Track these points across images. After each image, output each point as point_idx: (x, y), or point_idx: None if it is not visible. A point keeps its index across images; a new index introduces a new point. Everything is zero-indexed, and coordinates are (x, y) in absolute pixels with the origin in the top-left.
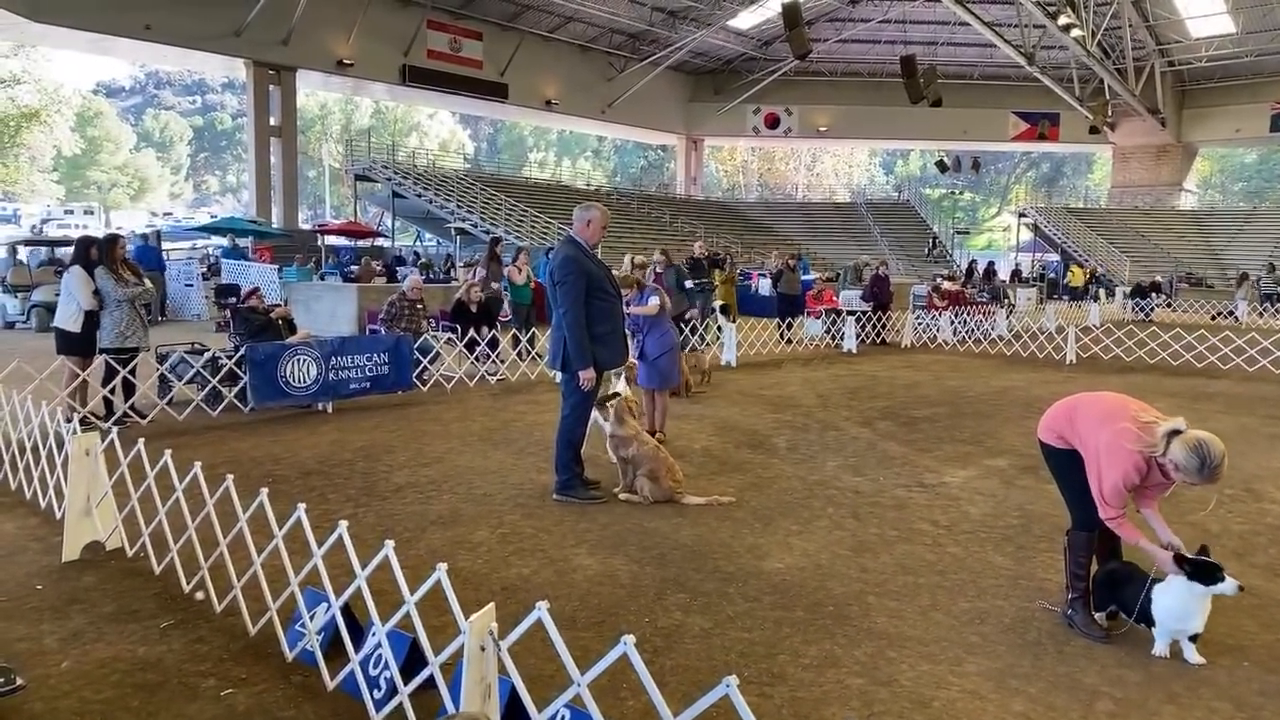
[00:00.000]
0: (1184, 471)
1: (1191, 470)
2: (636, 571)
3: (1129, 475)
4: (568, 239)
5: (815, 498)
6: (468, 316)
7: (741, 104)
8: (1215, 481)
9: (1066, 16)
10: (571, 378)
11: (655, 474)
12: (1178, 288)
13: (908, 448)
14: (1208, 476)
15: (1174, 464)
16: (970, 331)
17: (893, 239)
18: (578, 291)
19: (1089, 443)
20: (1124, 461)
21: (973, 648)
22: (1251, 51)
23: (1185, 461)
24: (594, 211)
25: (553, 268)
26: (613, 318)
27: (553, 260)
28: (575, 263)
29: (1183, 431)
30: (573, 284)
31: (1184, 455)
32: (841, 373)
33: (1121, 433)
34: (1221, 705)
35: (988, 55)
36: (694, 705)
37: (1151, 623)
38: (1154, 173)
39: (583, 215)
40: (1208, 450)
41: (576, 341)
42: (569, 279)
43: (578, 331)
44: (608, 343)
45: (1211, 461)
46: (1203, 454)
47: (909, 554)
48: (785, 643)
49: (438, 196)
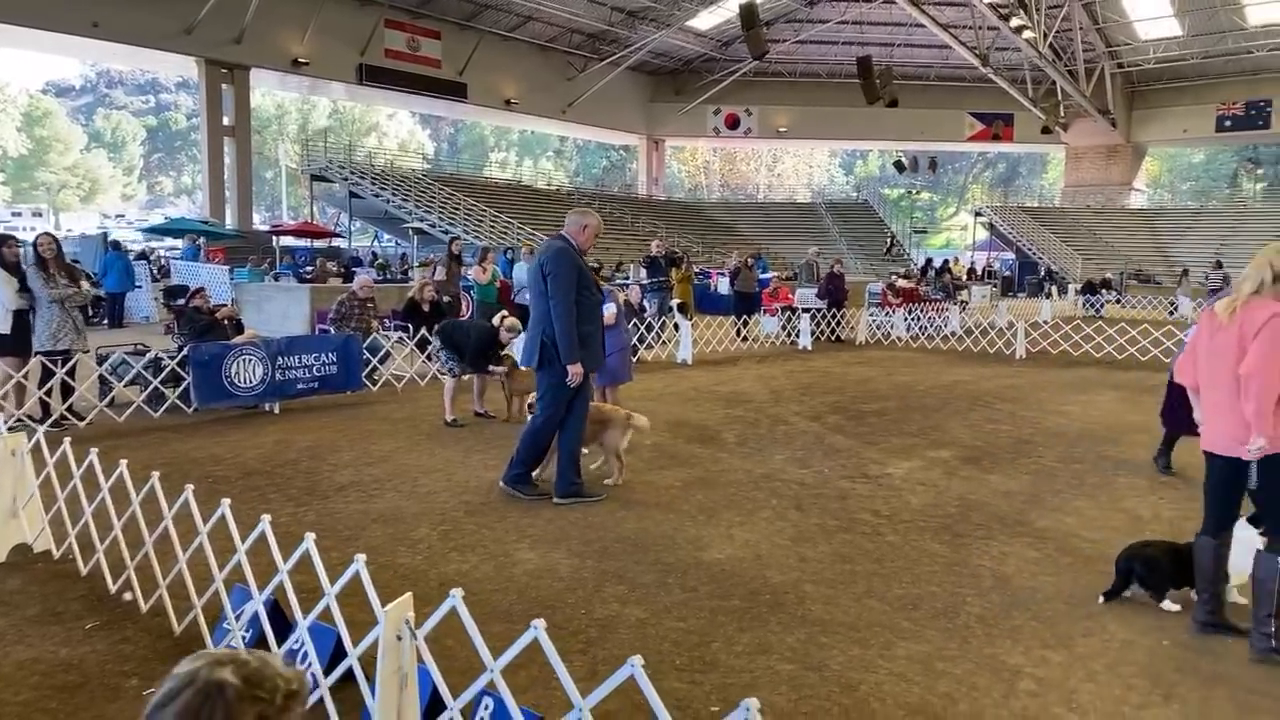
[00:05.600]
0: None
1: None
2: (577, 565)
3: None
4: (562, 239)
5: (760, 490)
6: (420, 316)
7: (702, 104)
8: None
9: (1019, 18)
10: (549, 374)
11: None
12: (1127, 284)
13: (855, 441)
14: None
15: None
16: (923, 328)
17: (852, 238)
18: (570, 283)
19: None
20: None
21: (904, 632)
22: (1198, 54)
23: None
24: (591, 218)
25: (543, 260)
26: (596, 320)
27: (543, 254)
28: (568, 256)
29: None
30: (565, 275)
31: None
32: (795, 369)
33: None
34: (1138, 682)
35: (943, 56)
36: (601, 685)
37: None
38: (1105, 172)
39: (579, 220)
40: None
41: (566, 333)
42: (562, 270)
43: (568, 323)
44: (589, 344)
45: None
46: None
47: (848, 543)
48: (719, 631)
49: (395, 196)
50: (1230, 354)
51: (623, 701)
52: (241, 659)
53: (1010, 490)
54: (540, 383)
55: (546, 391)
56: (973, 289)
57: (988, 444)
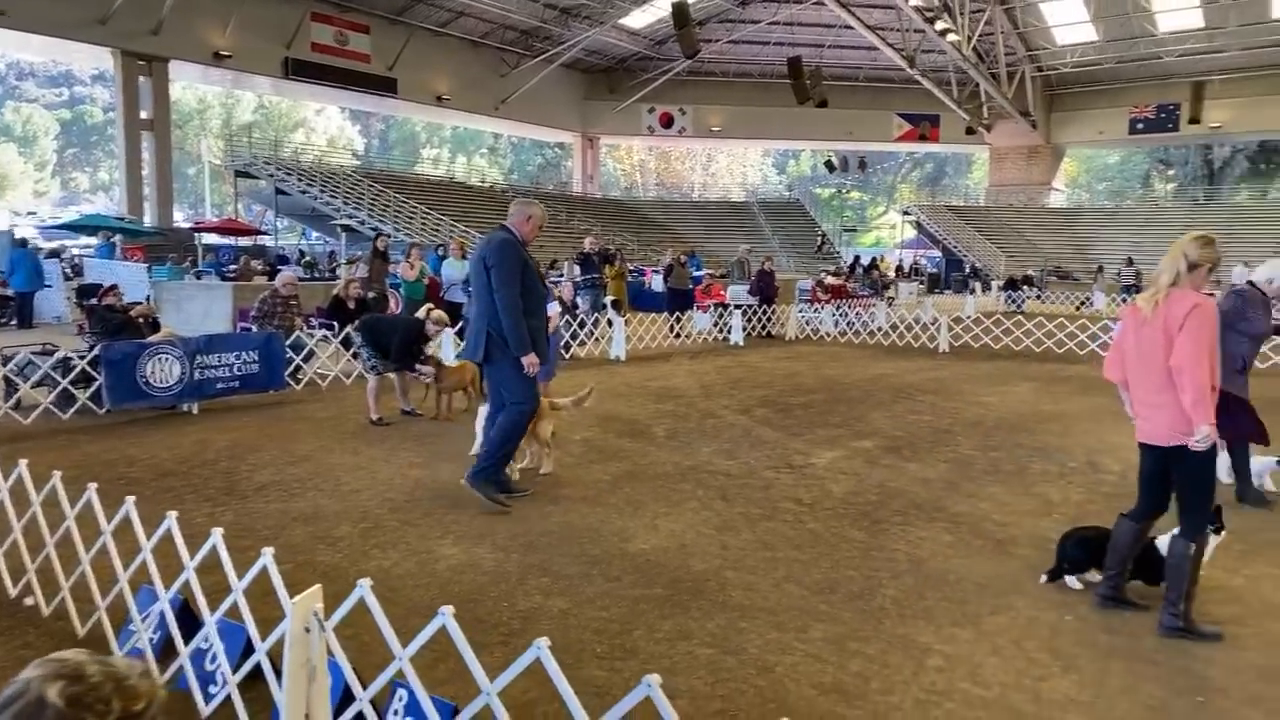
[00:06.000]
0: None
1: None
2: (501, 559)
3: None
4: (505, 230)
5: (687, 481)
6: (345, 313)
7: (636, 103)
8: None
9: (944, 22)
10: (502, 367)
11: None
12: (1047, 280)
13: (781, 432)
14: None
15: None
16: (850, 324)
17: (784, 236)
18: (514, 274)
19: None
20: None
21: (820, 615)
22: (1112, 59)
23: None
24: (535, 209)
25: (485, 252)
26: (541, 314)
27: (485, 246)
28: (511, 247)
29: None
30: (509, 266)
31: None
32: (727, 364)
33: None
34: (1040, 655)
35: (872, 58)
36: (507, 670)
37: (1159, 577)
38: (1026, 172)
39: (523, 210)
40: None
41: (515, 325)
42: (506, 262)
43: (516, 314)
44: (535, 338)
45: None
46: None
47: (770, 531)
48: (641, 619)
49: (323, 193)
50: (1158, 347)
51: (544, 690)
52: (78, 674)
53: (928, 478)
54: (493, 379)
55: (509, 384)
56: (900, 286)
57: (909, 434)
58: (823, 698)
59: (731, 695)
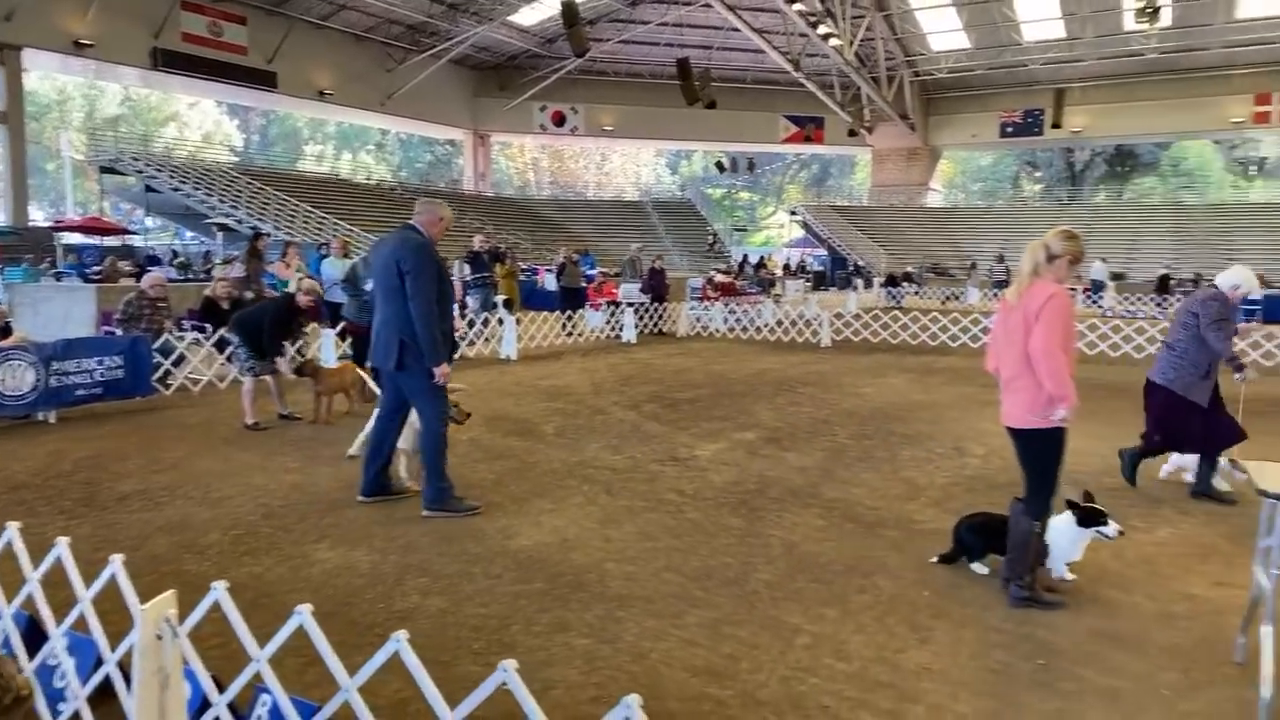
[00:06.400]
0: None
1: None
2: (378, 561)
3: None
4: (411, 229)
5: (573, 477)
6: (218, 315)
7: (528, 100)
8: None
9: (827, 26)
10: (416, 375)
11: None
12: (925, 277)
13: (669, 427)
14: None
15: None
16: (739, 320)
17: (676, 236)
18: (433, 281)
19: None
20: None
21: (696, 601)
22: (983, 65)
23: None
24: (445, 210)
25: (400, 256)
26: (450, 318)
27: (399, 248)
28: (429, 252)
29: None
30: (428, 273)
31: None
32: (618, 361)
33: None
34: (900, 629)
35: (759, 61)
36: (367, 664)
37: (1040, 560)
38: (906, 173)
39: (434, 211)
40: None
41: (432, 336)
42: (426, 269)
43: (433, 325)
44: (446, 342)
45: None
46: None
47: (652, 522)
48: (520, 614)
49: (198, 190)
50: (1019, 334)
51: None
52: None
53: (805, 466)
54: (404, 387)
55: (422, 396)
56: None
57: (789, 425)
58: (694, 679)
59: (605, 683)
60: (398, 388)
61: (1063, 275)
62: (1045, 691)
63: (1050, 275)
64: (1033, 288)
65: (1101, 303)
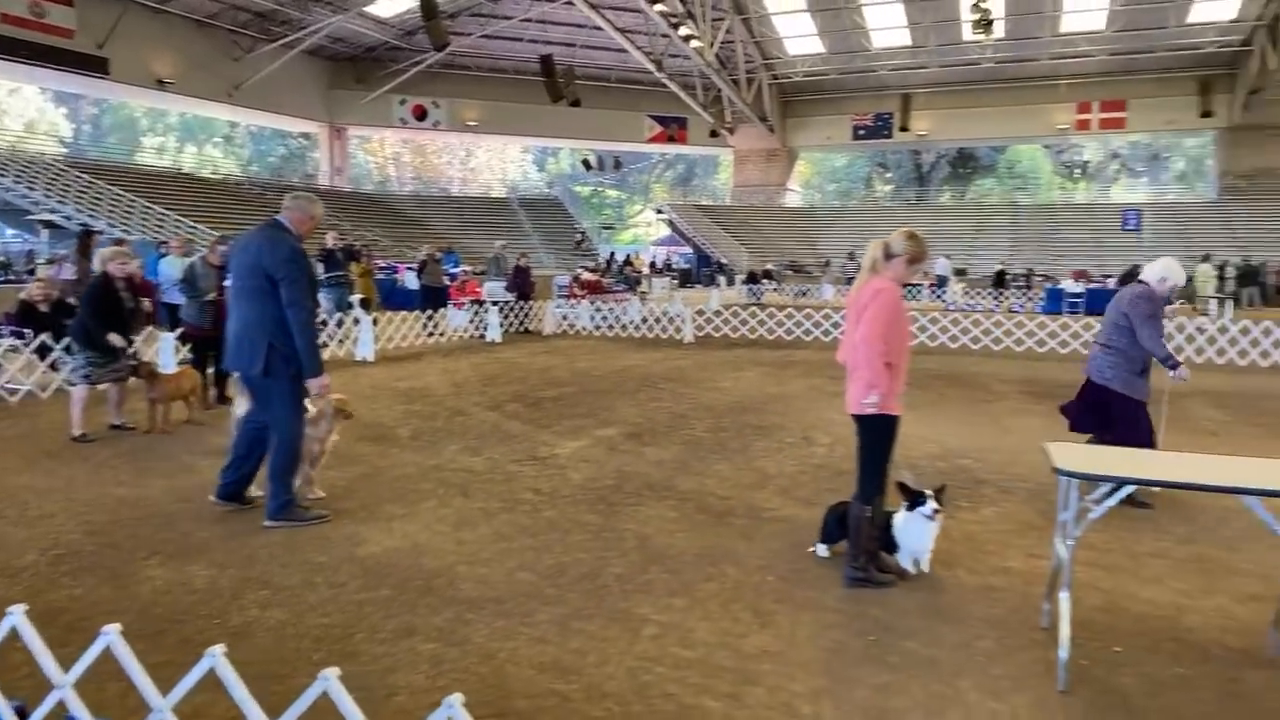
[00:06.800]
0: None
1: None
2: (215, 575)
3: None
4: (279, 227)
5: (428, 480)
6: (38, 319)
7: (387, 94)
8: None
9: (688, 28)
10: (279, 383)
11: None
12: (784, 274)
13: (530, 426)
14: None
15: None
16: (605, 318)
17: (544, 233)
18: (308, 288)
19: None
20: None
21: (548, 599)
22: (836, 70)
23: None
24: (317, 208)
25: (271, 260)
26: (315, 317)
27: (270, 250)
28: (302, 255)
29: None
30: (303, 279)
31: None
32: (481, 361)
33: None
34: (744, 615)
35: (623, 60)
36: (180, 682)
37: (895, 548)
38: (766, 174)
39: (306, 207)
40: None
41: (310, 345)
42: (302, 275)
43: (312, 333)
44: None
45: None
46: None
47: (508, 522)
48: (365, 622)
49: (19, 184)
50: (853, 326)
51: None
52: None
53: (663, 460)
54: (263, 392)
55: (281, 404)
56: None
57: (649, 420)
58: (541, 676)
59: (451, 686)
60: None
61: (900, 273)
62: (875, 666)
63: (888, 273)
64: (869, 283)
65: (945, 297)
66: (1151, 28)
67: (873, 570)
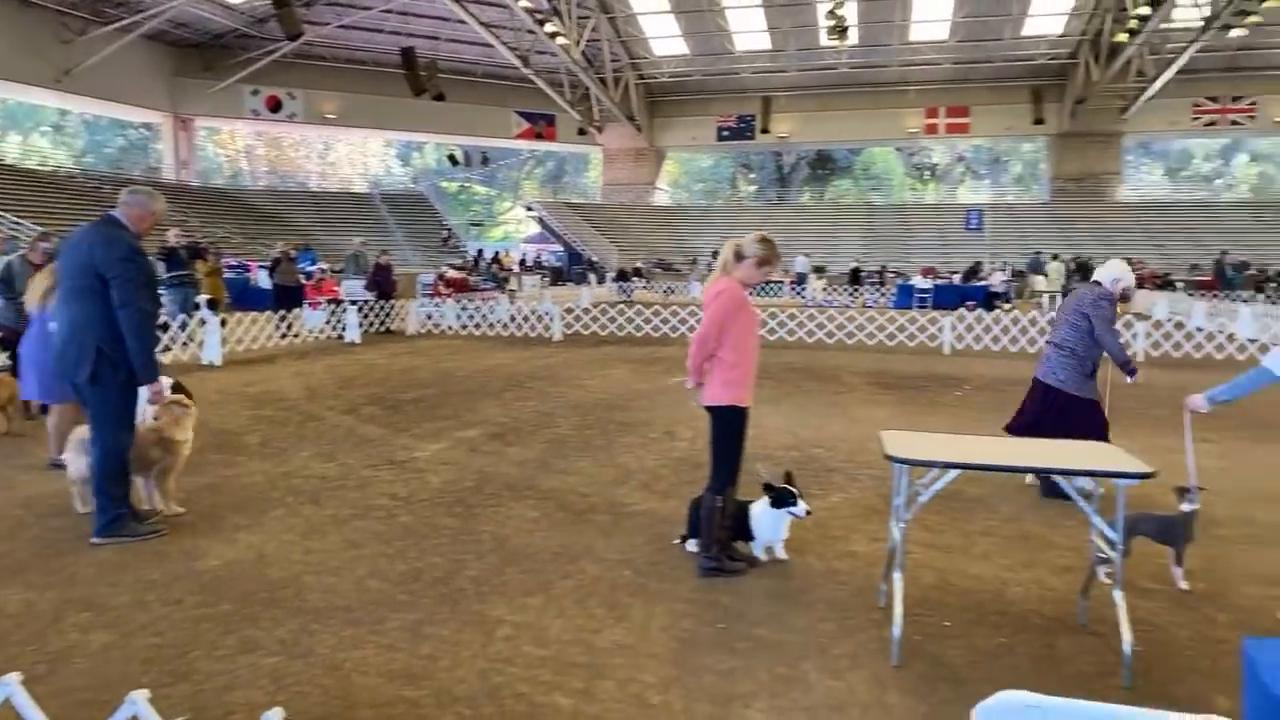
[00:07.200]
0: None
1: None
2: (33, 598)
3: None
4: (114, 223)
5: (276, 489)
6: None
7: (238, 83)
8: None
9: (554, 25)
10: (106, 390)
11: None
12: (653, 272)
13: (388, 429)
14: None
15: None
16: (471, 316)
17: (409, 230)
18: (145, 286)
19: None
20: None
21: (399, 605)
22: (701, 72)
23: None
24: (158, 204)
25: (103, 258)
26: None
27: (104, 248)
28: (140, 252)
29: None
30: (141, 279)
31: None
32: (339, 363)
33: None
34: (599, 610)
35: (488, 55)
36: None
37: (751, 536)
38: (634, 173)
39: (145, 204)
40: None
41: (146, 350)
42: (139, 274)
43: (148, 338)
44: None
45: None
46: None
47: (360, 529)
48: (202, 639)
49: None
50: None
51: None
52: None
53: (526, 459)
54: (94, 401)
55: (111, 413)
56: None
57: (514, 420)
58: (389, 684)
59: (293, 700)
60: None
61: (749, 274)
62: (723, 652)
63: (738, 273)
64: (717, 282)
65: (805, 293)
66: (989, 39)
67: (725, 559)
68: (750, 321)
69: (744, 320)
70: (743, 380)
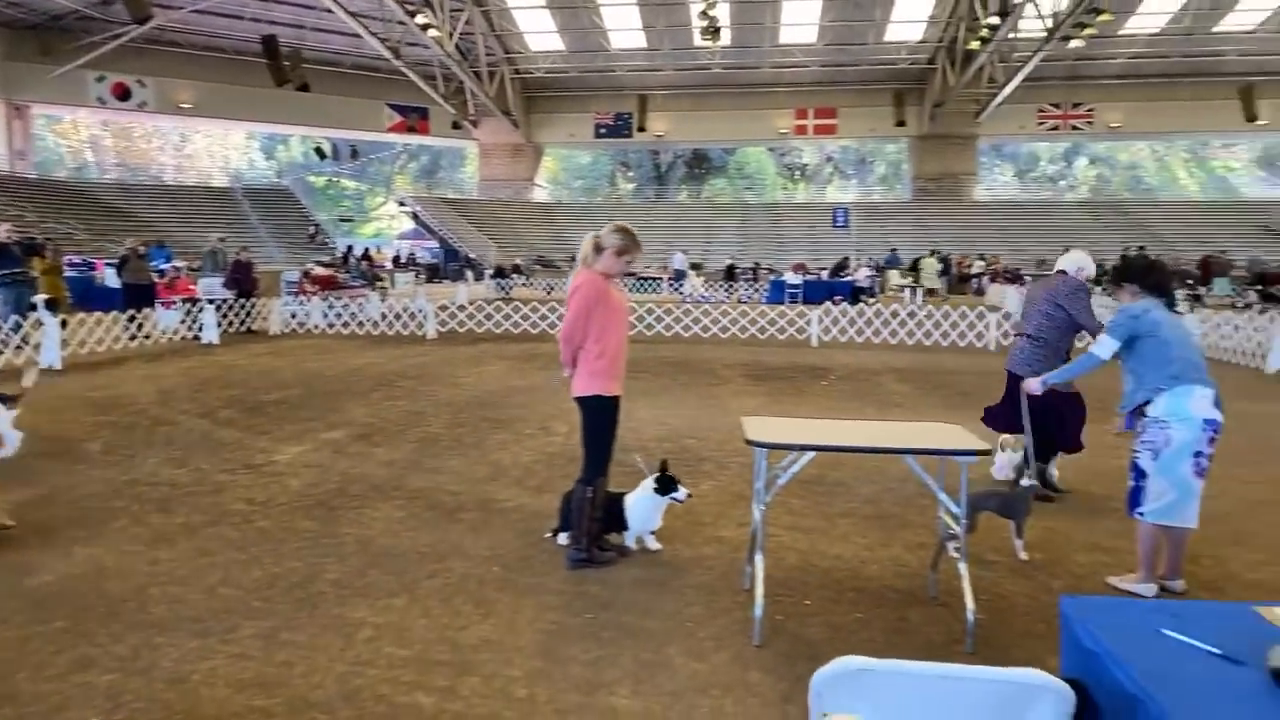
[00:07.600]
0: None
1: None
2: None
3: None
4: None
5: (120, 498)
6: None
7: (80, 69)
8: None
9: (425, 16)
10: None
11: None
12: (532, 269)
13: (246, 433)
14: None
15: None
16: (339, 314)
17: (273, 226)
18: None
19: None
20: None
21: (254, 613)
22: (577, 68)
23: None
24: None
25: None
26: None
27: None
28: None
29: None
30: None
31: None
32: (195, 365)
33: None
34: (466, 607)
35: (357, 46)
36: None
37: (625, 526)
38: (512, 168)
39: None
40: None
41: None
42: None
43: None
44: None
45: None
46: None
47: (213, 536)
48: (30, 659)
49: None
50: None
51: None
52: None
53: (393, 460)
54: None
55: None
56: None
57: (382, 420)
58: (239, 694)
59: (131, 716)
60: None
61: (610, 265)
62: (590, 642)
63: (599, 266)
64: (577, 276)
65: (683, 289)
66: (854, 43)
67: (594, 550)
68: (615, 312)
69: (608, 311)
70: (609, 370)
